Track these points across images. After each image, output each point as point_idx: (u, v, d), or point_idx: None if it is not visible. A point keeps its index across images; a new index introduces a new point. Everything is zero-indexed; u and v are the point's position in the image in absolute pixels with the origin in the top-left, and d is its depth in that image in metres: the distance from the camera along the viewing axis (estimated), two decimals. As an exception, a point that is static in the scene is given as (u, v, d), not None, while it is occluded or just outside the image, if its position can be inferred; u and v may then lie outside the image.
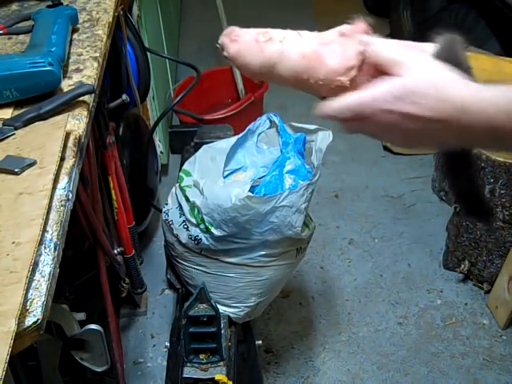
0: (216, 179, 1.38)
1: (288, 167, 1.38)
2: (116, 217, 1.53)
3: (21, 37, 1.16)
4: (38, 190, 0.76)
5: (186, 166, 1.48)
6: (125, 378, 1.50)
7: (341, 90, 0.60)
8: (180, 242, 1.42)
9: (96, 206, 1.30)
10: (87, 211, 1.20)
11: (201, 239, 1.36)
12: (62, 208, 0.78)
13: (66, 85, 1.01)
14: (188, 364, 1.31)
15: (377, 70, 0.60)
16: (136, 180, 1.87)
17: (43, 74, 0.93)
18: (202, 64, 2.44)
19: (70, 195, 0.81)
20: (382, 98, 0.57)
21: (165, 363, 1.74)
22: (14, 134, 0.89)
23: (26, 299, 0.64)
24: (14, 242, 0.69)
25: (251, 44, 0.61)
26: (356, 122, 0.59)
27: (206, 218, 1.33)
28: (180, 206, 1.42)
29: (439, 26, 2.64)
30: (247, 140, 1.51)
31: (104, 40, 1.15)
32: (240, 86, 2.80)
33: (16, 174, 0.80)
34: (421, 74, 0.58)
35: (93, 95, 0.99)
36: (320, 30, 0.67)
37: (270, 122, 1.50)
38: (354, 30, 0.63)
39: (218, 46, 0.64)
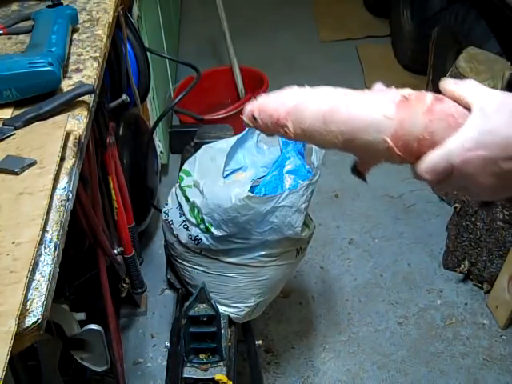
0: (216, 179, 1.38)
1: (288, 167, 1.38)
2: (116, 217, 1.53)
3: (21, 37, 1.16)
4: (38, 190, 0.76)
5: (185, 166, 1.48)
6: (125, 377, 1.50)
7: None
8: (180, 242, 1.42)
9: (96, 206, 1.30)
10: (87, 211, 1.20)
11: (201, 239, 1.36)
12: (61, 208, 0.78)
13: (66, 85, 1.01)
14: (188, 364, 1.31)
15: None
16: (136, 180, 1.87)
17: (43, 73, 0.93)
18: (202, 64, 2.44)
19: (70, 195, 0.81)
20: (463, 147, 0.53)
21: (165, 363, 1.74)
22: (14, 134, 0.89)
23: (26, 299, 0.64)
24: (14, 242, 0.69)
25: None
26: (446, 179, 0.56)
27: (206, 218, 1.33)
28: (180, 206, 1.42)
29: (439, 25, 2.65)
30: (247, 140, 1.51)
31: (104, 40, 1.15)
32: (240, 86, 2.80)
33: (16, 174, 0.80)
34: (500, 109, 0.53)
35: (93, 95, 0.99)
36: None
37: (270, 122, 1.50)
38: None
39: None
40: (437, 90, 0.60)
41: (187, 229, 1.39)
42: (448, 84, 0.57)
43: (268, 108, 0.58)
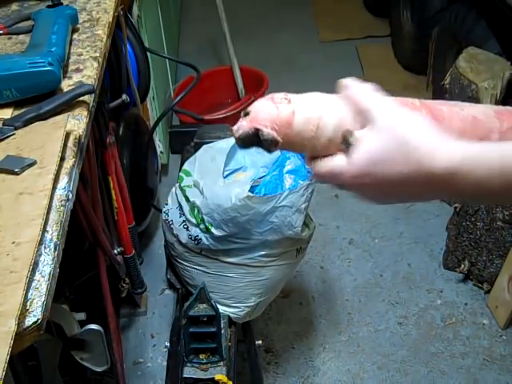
0: (216, 179, 1.38)
1: (288, 167, 1.38)
2: (116, 217, 1.53)
3: (21, 37, 1.16)
4: (38, 190, 0.76)
5: (185, 166, 1.48)
6: (125, 377, 1.50)
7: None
8: (180, 242, 1.42)
9: (96, 206, 1.30)
10: (87, 211, 1.20)
11: (201, 239, 1.36)
12: (61, 208, 0.78)
13: (66, 85, 1.01)
14: (188, 364, 1.31)
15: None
16: (136, 180, 1.87)
17: (43, 74, 0.93)
18: (202, 64, 2.44)
19: (70, 195, 0.81)
20: (350, 173, 0.54)
21: (165, 363, 1.74)
22: (14, 134, 0.89)
23: (26, 299, 0.64)
24: (14, 242, 0.69)
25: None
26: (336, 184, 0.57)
27: (206, 218, 1.33)
28: (180, 206, 1.42)
29: (439, 25, 2.65)
30: (247, 140, 1.50)
31: (104, 40, 1.15)
32: (240, 86, 2.80)
33: (16, 174, 0.80)
34: (388, 135, 0.52)
35: (93, 95, 0.99)
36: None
37: (270, 121, 1.50)
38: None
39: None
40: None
41: (187, 229, 1.39)
42: (349, 86, 0.56)
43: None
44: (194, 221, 1.37)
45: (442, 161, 0.49)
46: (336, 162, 0.55)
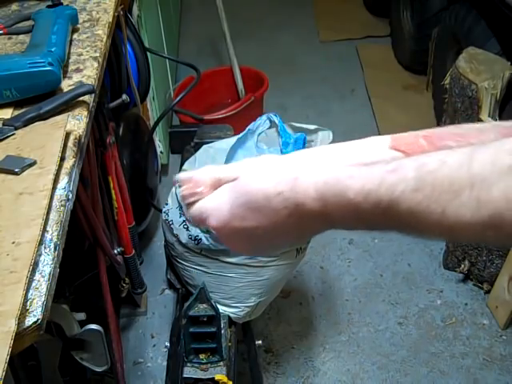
0: (216, 179, 1.38)
1: (288, 167, 1.37)
2: (116, 217, 1.53)
3: (21, 37, 1.16)
4: (38, 190, 0.76)
5: (186, 166, 1.48)
6: (125, 377, 1.50)
7: None
8: (180, 242, 1.42)
9: (96, 206, 1.30)
10: (87, 211, 1.20)
11: (201, 239, 1.36)
12: (62, 208, 0.78)
13: (66, 85, 1.01)
14: (188, 364, 1.31)
15: None
16: (136, 180, 1.87)
17: (43, 73, 0.93)
18: (202, 64, 2.44)
19: (70, 195, 0.81)
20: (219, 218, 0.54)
21: (165, 363, 1.74)
22: (14, 134, 0.89)
23: (26, 299, 0.64)
24: (14, 242, 0.69)
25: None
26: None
27: (206, 218, 1.33)
28: (180, 206, 1.42)
29: (439, 25, 2.65)
30: (247, 140, 1.51)
31: (104, 40, 1.15)
32: (240, 86, 2.80)
33: (16, 174, 0.80)
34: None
35: (93, 95, 0.99)
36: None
37: (270, 122, 1.50)
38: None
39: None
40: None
41: (187, 229, 1.39)
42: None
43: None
44: (194, 221, 1.37)
45: (304, 186, 0.47)
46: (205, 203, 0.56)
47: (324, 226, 0.50)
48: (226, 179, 0.54)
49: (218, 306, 1.32)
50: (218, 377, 1.28)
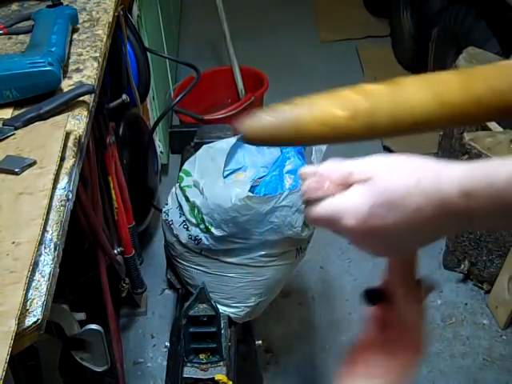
0: (216, 179, 1.38)
1: (288, 167, 1.38)
2: (116, 217, 1.53)
3: (21, 37, 1.16)
4: (38, 190, 0.76)
5: (185, 166, 1.48)
6: (125, 377, 1.50)
7: None
8: (180, 242, 1.42)
9: (96, 206, 1.30)
10: (87, 211, 1.20)
11: (201, 239, 1.36)
12: (62, 208, 0.78)
13: (66, 85, 1.01)
14: (188, 364, 1.31)
15: None
16: (136, 180, 1.87)
17: (43, 73, 0.93)
18: (202, 64, 2.44)
19: (70, 195, 0.81)
20: (355, 210, 0.50)
21: (165, 363, 1.74)
22: (14, 134, 0.89)
23: (26, 299, 0.64)
24: (14, 242, 0.69)
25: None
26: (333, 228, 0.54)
27: (206, 217, 1.33)
28: (180, 205, 1.42)
29: (439, 25, 2.65)
30: (247, 140, 1.50)
31: (104, 40, 1.15)
32: (240, 86, 2.80)
33: (16, 173, 0.80)
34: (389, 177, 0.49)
35: (93, 95, 0.99)
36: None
37: (270, 121, 1.50)
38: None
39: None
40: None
41: (187, 229, 1.39)
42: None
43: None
44: (194, 221, 1.37)
45: (448, 181, 0.47)
46: (338, 203, 0.52)
47: (464, 224, 0.49)
48: (357, 175, 0.51)
49: (218, 306, 1.32)
50: (217, 377, 1.28)
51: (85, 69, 1.06)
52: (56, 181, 0.80)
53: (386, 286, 0.62)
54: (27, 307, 0.64)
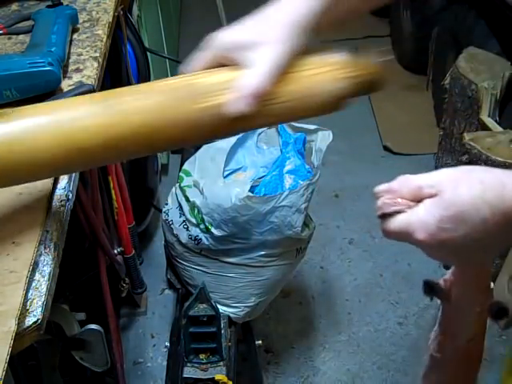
0: (216, 179, 1.38)
1: (288, 167, 1.38)
2: (116, 217, 1.52)
3: (21, 37, 1.16)
4: (37, 190, 0.76)
5: (186, 166, 1.48)
6: (125, 377, 1.50)
7: None
8: (180, 242, 1.42)
9: (96, 206, 1.30)
10: (87, 211, 1.20)
11: (201, 239, 1.36)
12: (62, 208, 0.78)
13: (66, 85, 1.01)
14: (188, 364, 1.31)
15: None
16: (136, 180, 1.87)
17: (43, 73, 0.93)
18: (202, 64, 2.43)
19: (70, 195, 0.81)
20: (428, 223, 0.53)
21: (165, 363, 1.74)
22: (13, 134, 0.89)
23: (26, 299, 0.64)
24: (14, 242, 0.69)
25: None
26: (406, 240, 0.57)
27: (206, 217, 1.33)
28: (180, 205, 1.42)
29: (439, 25, 2.65)
30: (247, 140, 1.51)
31: (104, 40, 1.15)
32: (240, 85, 2.80)
33: (16, 173, 0.80)
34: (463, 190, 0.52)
35: (93, 95, 0.99)
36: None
37: (270, 121, 1.50)
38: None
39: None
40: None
41: (187, 229, 1.39)
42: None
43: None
44: (194, 221, 1.37)
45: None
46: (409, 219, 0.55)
47: None
48: (426, 189, 0.54)
49: (218, 306, 1.32)
50: (217, 377, 1.28)
51: (85, 69, 1.06)
52: (56, 181, 0.80)
53: (446, 284, 0.67)
54: (27, 307, 0.64)
